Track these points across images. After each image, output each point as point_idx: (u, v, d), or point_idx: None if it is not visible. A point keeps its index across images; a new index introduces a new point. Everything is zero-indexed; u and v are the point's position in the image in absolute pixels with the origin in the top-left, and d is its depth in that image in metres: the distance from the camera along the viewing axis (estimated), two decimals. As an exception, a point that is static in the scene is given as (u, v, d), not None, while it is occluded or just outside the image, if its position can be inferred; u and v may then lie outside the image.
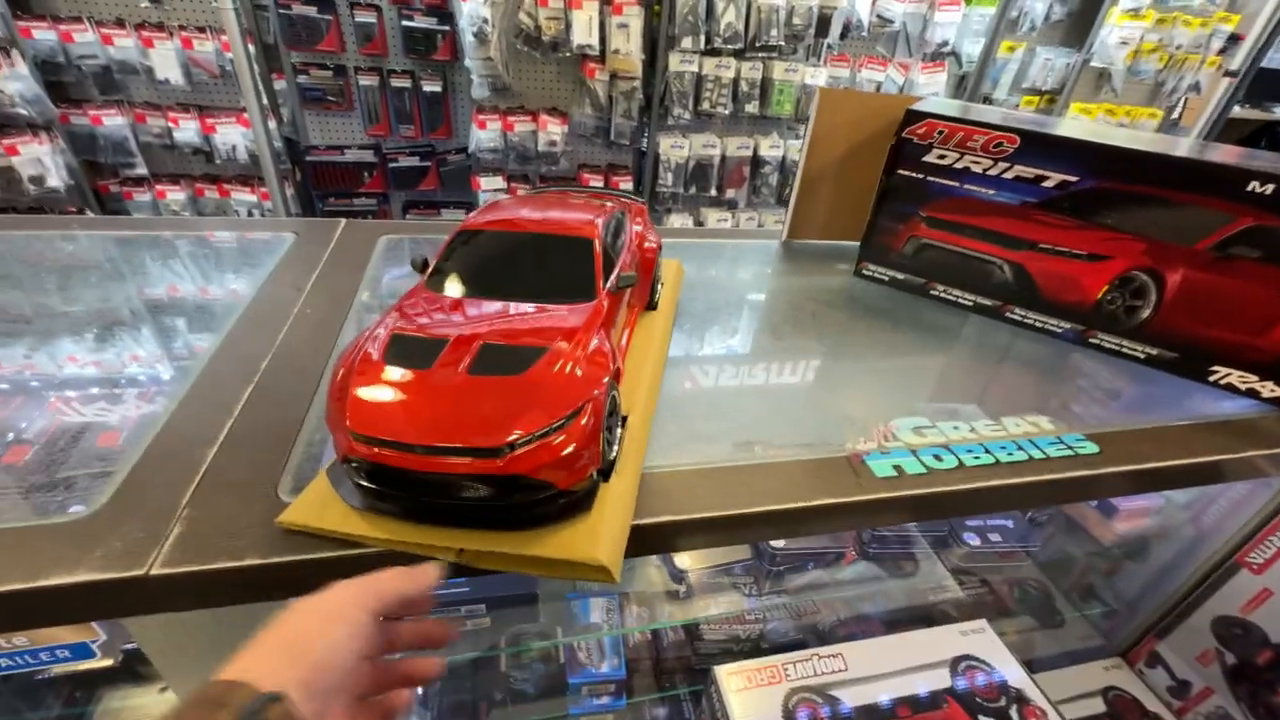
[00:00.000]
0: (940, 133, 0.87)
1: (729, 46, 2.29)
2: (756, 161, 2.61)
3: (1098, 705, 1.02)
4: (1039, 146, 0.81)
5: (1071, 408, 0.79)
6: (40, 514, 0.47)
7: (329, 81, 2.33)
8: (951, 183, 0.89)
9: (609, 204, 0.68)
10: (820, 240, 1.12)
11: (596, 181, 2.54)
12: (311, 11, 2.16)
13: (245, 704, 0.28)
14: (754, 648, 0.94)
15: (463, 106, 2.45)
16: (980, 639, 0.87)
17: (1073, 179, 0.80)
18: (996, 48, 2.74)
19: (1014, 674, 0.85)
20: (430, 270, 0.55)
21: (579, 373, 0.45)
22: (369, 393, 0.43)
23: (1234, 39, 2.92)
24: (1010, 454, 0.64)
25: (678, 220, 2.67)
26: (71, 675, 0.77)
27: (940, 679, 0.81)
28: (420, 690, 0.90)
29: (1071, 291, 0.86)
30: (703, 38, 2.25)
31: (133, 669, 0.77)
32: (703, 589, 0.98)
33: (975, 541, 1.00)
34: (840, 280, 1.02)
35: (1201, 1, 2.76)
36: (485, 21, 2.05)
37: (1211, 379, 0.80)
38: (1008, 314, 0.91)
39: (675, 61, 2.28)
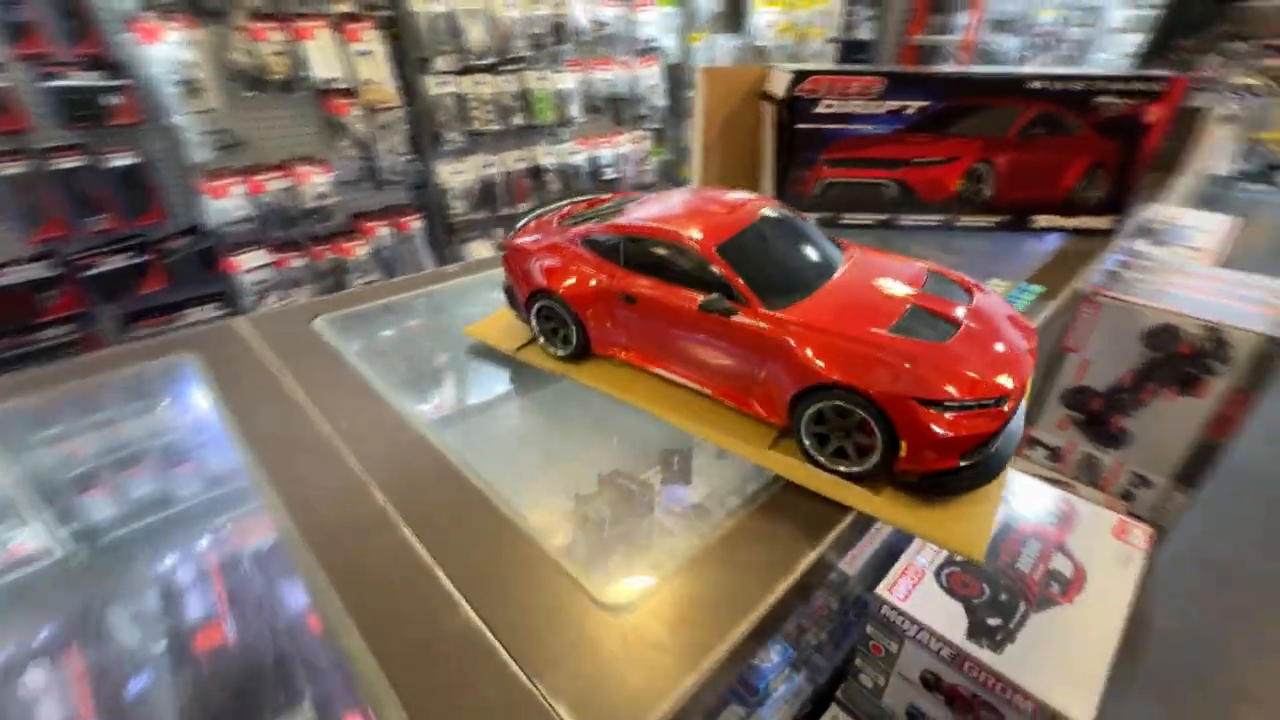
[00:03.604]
0: (825, 86, 1.02)
1: (481, 63, 2.24)
2: (536, 171, 2.62)
3: (1021, 491, 1.35)
4: (899, 83, 1.02)
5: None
6: None
7: (-61, 181, 1.62)
8: (841, 126, 1.05)
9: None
10: (722, 207, 1.21)
11: (383, 228, 2.25)
12: (-121, 85, 1.46)
13: None
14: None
15: (173, 178, 1.93)
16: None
17: (927, 103, 1.03)
18: (687, 39, 3.20)
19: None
20: (742, 287, 0.57)
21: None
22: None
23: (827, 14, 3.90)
24: (1015, 307, 0.81)
25: (481, 248, 2.53)
26: None
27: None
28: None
29: (939, 191, 1.10)
30: (454, 57, 2.16)
31: None
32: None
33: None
34: (767, 233, 1.13)
35: (804, -12, 3.61)
36: (194, 66, 1.65)
37: (1032, 227, 1.12)
38: (900, 223, 1.13)
39: (432, 84, 2.15)
